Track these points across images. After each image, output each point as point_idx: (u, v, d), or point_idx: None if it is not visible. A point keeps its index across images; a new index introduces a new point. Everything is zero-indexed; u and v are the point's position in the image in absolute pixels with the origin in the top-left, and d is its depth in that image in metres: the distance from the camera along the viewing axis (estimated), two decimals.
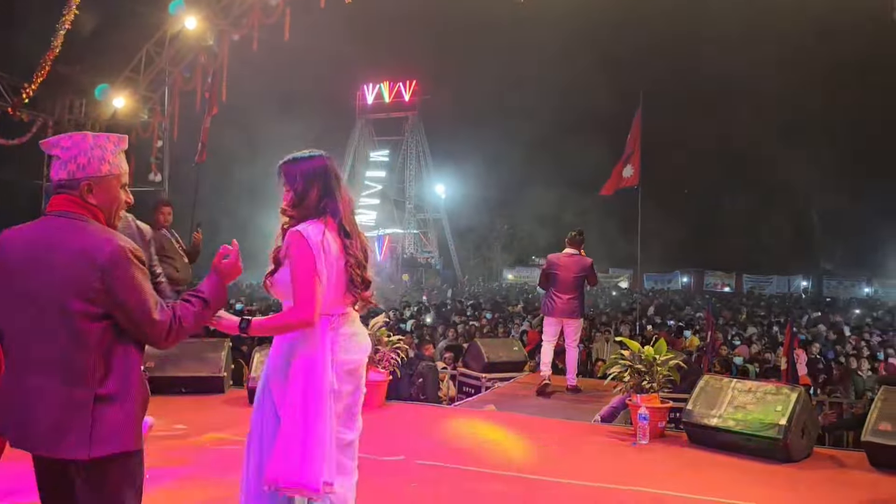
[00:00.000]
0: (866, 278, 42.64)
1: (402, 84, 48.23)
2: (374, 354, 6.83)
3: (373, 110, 49.42)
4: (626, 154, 14.99)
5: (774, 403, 5.15)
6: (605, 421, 6.72)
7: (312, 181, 2.73)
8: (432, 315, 17.03)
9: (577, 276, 7.78)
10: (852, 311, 24.47)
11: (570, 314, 7.79)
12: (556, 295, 7.80)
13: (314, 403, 2.57)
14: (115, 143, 2.36)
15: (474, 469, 4.75)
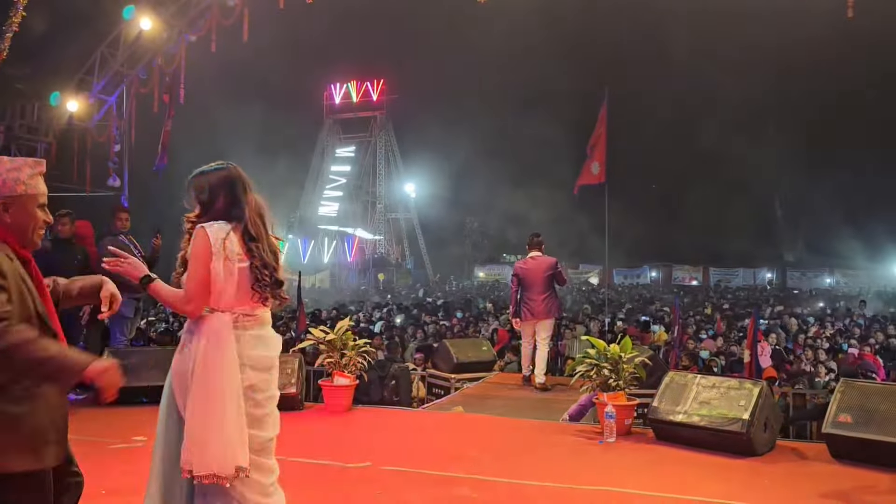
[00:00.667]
0: (828, 269, 43.53)
1: (369, 83, 48.04)
2: (340, 359, 6.78)
3: (340, 110, 49.14)
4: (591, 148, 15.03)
5: (738, 398, 5.19)
6: (574, 420, 6.72)
7: (218, 190, 2.88)
8: (402, 316, 16.94)
9: (545, 276, 8.07)
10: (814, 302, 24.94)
11: (545, 314, 8.06)
12: (529, 298, 8.09)
13: (219, 395, 2.72)
14: (32, 165, 2.48)
15: (441, 474, 4.71)
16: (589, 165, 15.14)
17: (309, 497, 4.20)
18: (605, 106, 15.39)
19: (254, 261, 2.86)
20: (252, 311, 2.88)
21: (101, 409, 6.70)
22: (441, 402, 7.82)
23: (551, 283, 8.12)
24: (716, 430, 5.15)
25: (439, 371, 8.96)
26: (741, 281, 45.01)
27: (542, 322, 8.09)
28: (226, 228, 2.82)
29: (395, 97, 47.90)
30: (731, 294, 31.39)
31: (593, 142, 15.21)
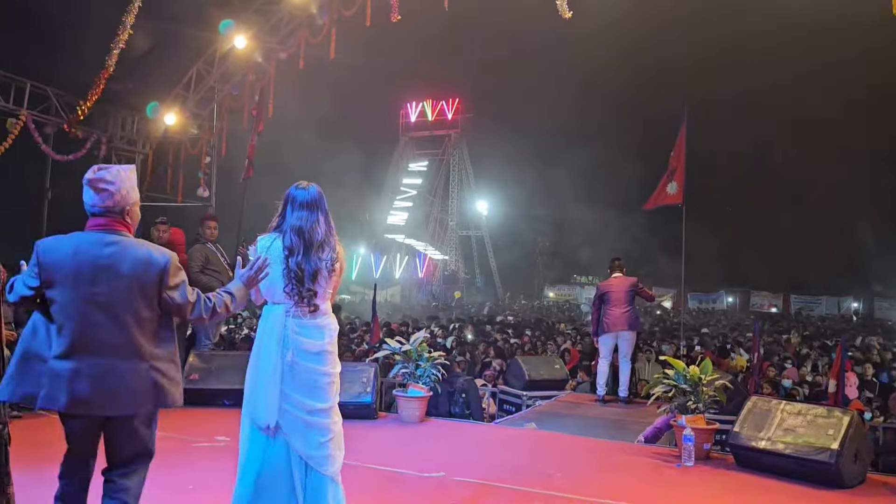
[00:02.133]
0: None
1: (444, 102, 48.58)
2: (415, 370, 6.86)
3: (416, 128, 49.84)
4: (670, 170, 14.80)
5: (826, 427, 5.00)
6: (649, 442, 6.59)
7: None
8: (472, 332, 16.96)
9: (627, 291, 8.48)
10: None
11: (624, 326, 8.37)
12: (610, 311, 8.46)
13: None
14: (134, 173, 3.14)
15: (515, 488, 4.70)
16: (665, 185, 14.88)
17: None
18: (684, 125, 15.12)
19: (287, 265, 3.38)
20: (294, 305, 3.40)
21: (186, 409, 6.97)
22: (513, 418, 7.81)
23: (632, 297, 8.49)
24: (801, 458, 4.96)
25: (511, 388, 8.94)
26: (824, 310, 43.02)
27: (623, 334, 8.34)
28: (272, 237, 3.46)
29: (469, 116, 48.28)
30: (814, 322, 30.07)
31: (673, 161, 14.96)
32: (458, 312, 28.10)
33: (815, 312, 40.63)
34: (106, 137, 11.12)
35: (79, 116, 10.06)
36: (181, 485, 4.46)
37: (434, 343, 12.09)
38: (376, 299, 10.39)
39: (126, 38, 9.20)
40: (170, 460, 5.05)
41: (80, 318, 2.85)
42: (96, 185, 2.97)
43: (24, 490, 3.43)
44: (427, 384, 6.86)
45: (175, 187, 12.00)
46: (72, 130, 10.35)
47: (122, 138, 11.34)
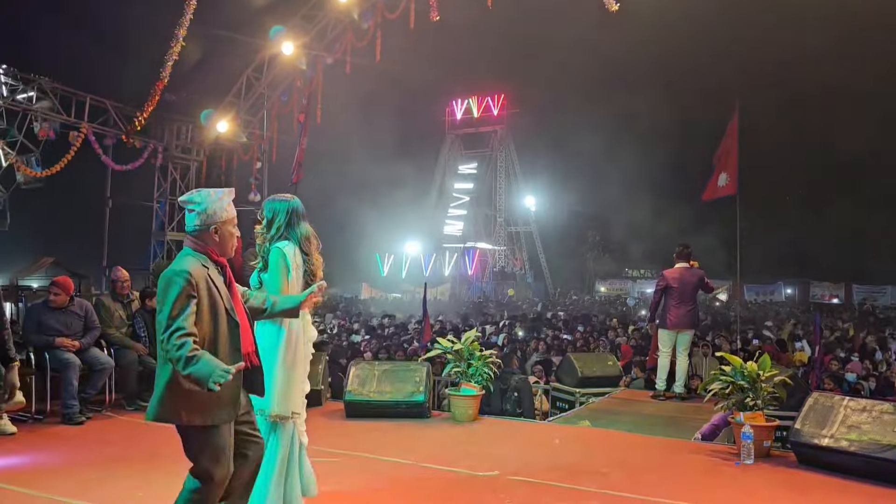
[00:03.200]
0: None
1: (490, 98, 48.48)
2: (467, 369, 6.89)
3: (462, 125, 49.87)
4: (722, 161, 14.51)
5: (893, 423, 4.84)
6: (706, 439, 6.48)
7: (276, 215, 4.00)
8: (524, 329, 16.92)
9: (694, 287, 8.25)
10: None
11: (686, 325, 8.23)
12: (673, 307, 8.23)
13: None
14: (228, 194, 3.29)
15: (570, 487, 4.69)
16: (716, 177, 14.59)
17: (439, 503, 4.31)
18: (736, 116, 14.79)
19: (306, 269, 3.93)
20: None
21: None
22: (567, 416, 7.77)
23: (696, 295, 8.30)
24: (868, 456, 4.81)
25: (563, 385, 8.89)
26: (889, 299, 41.44)
27: (684, 332, 8.21)
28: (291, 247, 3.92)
29: (515, 111, 48.09)
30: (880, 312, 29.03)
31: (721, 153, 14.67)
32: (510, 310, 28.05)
33: (878, 302, 39.18)
34: (162, 146, 11.46)
35: (136, 127, 10.38)
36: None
37: (486, 341, 12.12)
38: (427, 298, 10.45)
39: (179, 49, 9.45)
40: None
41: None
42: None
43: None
44: (479, 382, 6.88)
45: None
46: (129, 141, 10.70)
47: (177, 147, 11.68)
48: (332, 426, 6.36)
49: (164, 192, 11.90)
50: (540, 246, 48.96)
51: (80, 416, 6.34)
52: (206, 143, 11.89)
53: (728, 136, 14.63)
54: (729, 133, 14.74)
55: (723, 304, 31.67)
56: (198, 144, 11.87)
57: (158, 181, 11.84)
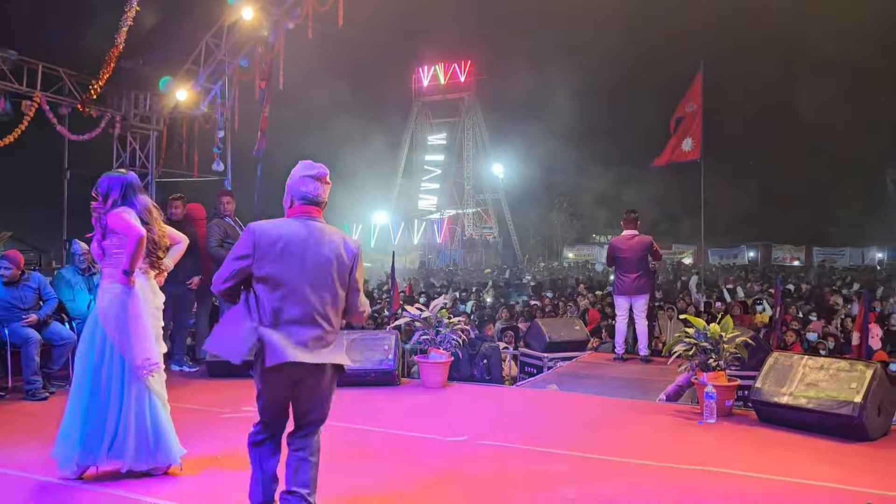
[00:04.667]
0: None
1: (457, 65, 48.11)
2: (436, 336, 6.92)
3: (429, 93, 49.46)
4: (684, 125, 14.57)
5: (848, 381, 4.98)
6: (671, 400, 6.62)
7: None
8: (492, 295, 17.03)
9: (641, 256, 8.25)
10: None
11: (637, 291, 8.27)
12: (623, 275, 8.33)
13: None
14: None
15: (538, 449, 4.75)
16: (679, 141, 14.67)
17: (409, 469, 4.34)
18: (699, 79, 14.83)
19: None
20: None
21: (212, 381, 7.12)
22: (535, 380, 7.86)
23: (645, 262, 8.28)
24: (824, 412, 4.96)
25: (532, 350, 8.98)
26: (848, 261, 42.53)
27: (637, 297, 8.27)
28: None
29: (482, 78, 47.79)
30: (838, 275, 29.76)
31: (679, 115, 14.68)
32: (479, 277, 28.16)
33: (837, 264, 40.17)
34: (120, 116, 11.16)
35: (92, 96, 10.07)
36: (209, 453, 4.57)
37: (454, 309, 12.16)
38: (395, 266, 10.42)
39: (133, 14, 9.16)
40: (201, 432, 5.17)
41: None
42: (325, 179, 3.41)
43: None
44: (448, 349, 6.92)
45: (190, 163, 12.05)
46: (85, 110, 10.39)
47: (135, 116, 11.37)
48: None
49: (123, 163, 11.62)
50: (508, 213, 49.08)
51: (42, 391, 6.25)
52: (165, 112, 11.60)
53: (690, 99, 14.68)
54: (691, 96, 14.79)
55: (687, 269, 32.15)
56: (157, 113, 11.58)
57: (118, 151, 11.55)
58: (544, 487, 4.03)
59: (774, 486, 4.04)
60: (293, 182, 3.36)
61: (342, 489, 3.84)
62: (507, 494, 3.93)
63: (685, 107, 14.73)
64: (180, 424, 5.39)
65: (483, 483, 4.11)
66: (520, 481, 4.15)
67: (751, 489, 4.01)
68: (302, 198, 3.33)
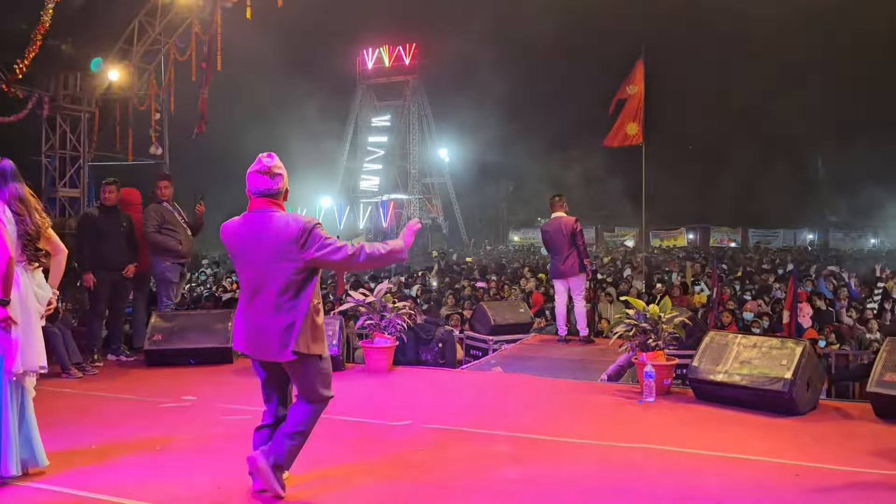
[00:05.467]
0: (872, 230, 42.48)
1: (401, 48, 47.63)
2: (381, 321, 6.89)
3: (373, 75, 48.89)
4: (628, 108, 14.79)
5: (780, 358, 5.17)
6: (612, 380, 6.76)
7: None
8: (437, 279, 17.06)
9: (566, 237, 8.33)
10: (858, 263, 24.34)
11: (570, 273, 8.36)
12: (553, 258, 8.51)
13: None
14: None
15: (482, 431, 4.79)
16: (623, 125, 14.91)
17: (351, 454, 4.32)
18: (641, 64, 15.07)
19: (19, 228, 3.82)
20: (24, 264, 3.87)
21: (150, 370, 6.95)
22: (479, 363, 7.92)
23: (573, 242, 8.34)
24: (757, 389, 5.14)
25: (477, 333, 9.04)
26: (781, 242, 44.13)
27: (573, 279, 8.37)
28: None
29: (427, 61, 47.47)
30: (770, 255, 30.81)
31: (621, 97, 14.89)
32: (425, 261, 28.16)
33: (772, 245, 41.61)
34: (49, 96, 10.68)
35: (17, 75, 9.62)
36: (149, 446, 4.46)
37: (400, 293, 12.13)
38: None
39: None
40: (137, 422, 5.05)
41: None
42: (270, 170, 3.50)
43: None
44: (392, 334, 6.91)
45: (125, 146, 11.61)
46: (10, 90, 9.92)
47: (65, 97, 10.89)
48: (246, 384, 6.25)
49: (53, 146, 11.14)
50: (454, 197, 49.12)
51: None
52: (97, 94, 11.14)
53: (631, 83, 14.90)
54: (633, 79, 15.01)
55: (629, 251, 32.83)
56: (88, 94, 11.09)
57: (47, 134, 11.06)
58: (487, 469, 4.06)
59: (709, 461, 4.17)
60: (246, 178, 3.54)
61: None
62: (450, 477, 3.94)
63: (626, 89, 14.96)
64: (117, 415, 5.28)
65: (426, 466, 4.13)
66: (463, 463, 4.18)
67: (687, 464, 4.13)
68: (254, 192, 3.51)
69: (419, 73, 47.85)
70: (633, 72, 15.10)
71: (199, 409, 5.52)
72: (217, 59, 10.90)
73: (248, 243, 3.46)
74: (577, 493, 3.68)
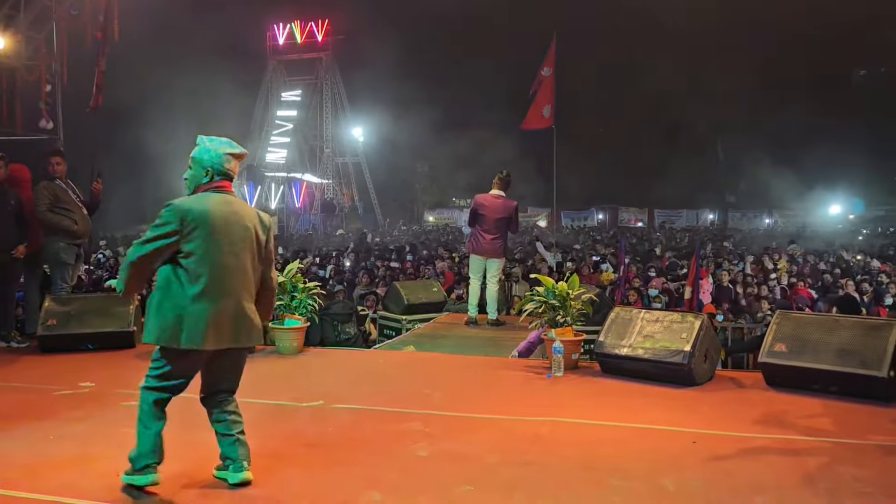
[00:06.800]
0: (767, 210, 44.99)
1: (314, 24, 46.52)
2: (290, 301, 6.76)
3: (284, 51, 47.59)
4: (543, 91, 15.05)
5: (680, 331, 5.38)
6: (523, 356, 6.87)
7: None
8: (352, 259, 16.91)
9: (501, 218, 8.08)
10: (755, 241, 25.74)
11: (493, 253, 8.13)
12: (481, 234, 8.12)
13: None
14: None
15: (393, 410, 4.78)
16: (539, 108, 15.16)
17: (261, 437, 4.22)
18: (553, 47, 15.34)
19: None
20: None
21: (44, 356, 6.58)
22: (392, 342, 7.91)
23: (505, 225, 8.15)
24: (658, 361, 5.34)
25: (390, 313, 9.02)
26: (685, 222, 46.19)
27: (493, 259, 8.17)
28: None
29: (340, 38, 46.62)
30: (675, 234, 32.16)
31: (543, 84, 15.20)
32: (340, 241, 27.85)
33: (676, 225, 43.45)
34: None
35: None
36: (42, 436, 4.22)
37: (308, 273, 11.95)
38: None
39: None
40: (30, 412, 4.77)
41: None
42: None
43: None
44: (303, 314, 6.79)
45: (13, 119, 10.86)
46: None
47: None
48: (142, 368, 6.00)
49: None
50: (369, 177, 48.69)
51: None
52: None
53: (546, 65, 15.17)
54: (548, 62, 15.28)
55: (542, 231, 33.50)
56: None
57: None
58: (398, 446, 4.06)
59: (613, 431, 4.32)
60: (214, 157, 3.51)
61: (187, 462, 3.68)
62: (361, 456, 3.92)
63: (542, 72, 15.22)
64: (6, 404, 4.96)
65: (338, 447, 4.08)
66: (374, 442, 4.16)
67: (592, 435, 4.26)
68: (223, 174, 3.53)
69: (332, 50, 46.96)
70: (547, 56, 15.35)
71: (97, 395, 5.27)
72: (114, 28, 10.32)
73: (227, 223, 3.48)
74: (486, 466, 3.72)
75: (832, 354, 4.92)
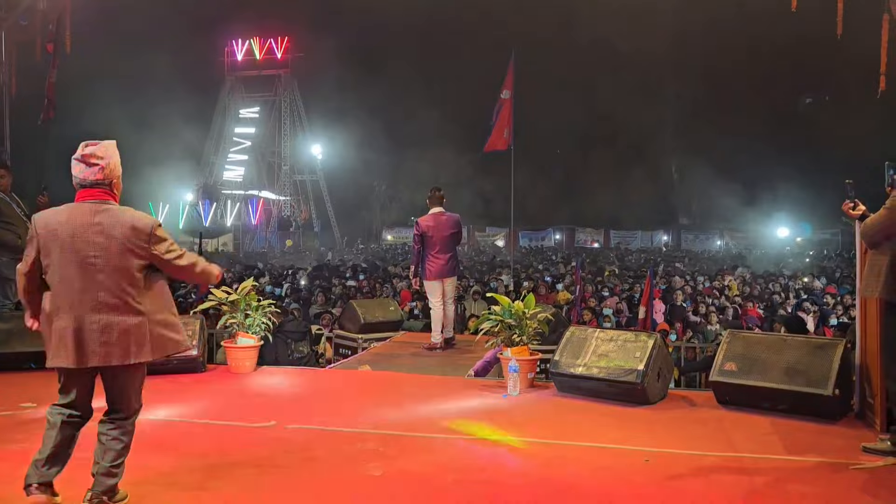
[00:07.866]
0: (718, 231, 46.12)
1: (273, 41, 46.36)
2: (244, 320, 6.65)
3: (243, 67, 47.28)
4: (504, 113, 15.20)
5: (634, 350, 5.44)
6: (479, 375, 6.86)
7: None
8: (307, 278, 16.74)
9: (451, 234, 7.98)
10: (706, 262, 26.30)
11: (450, 273, 7.99)
12: (434, 257, 7.88)
13: None
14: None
15: (349, 430, 4.71)
16: (500, 129, 15.30)
17: (212, 458, 4.12)
18: (511, 68, 15.52)
19: None
20: None
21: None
22: (347, 361, 7.82)
23: (455, 242, 8.08)
24: (613, 380, 5.38)
25: (346, 332, 8.93)
26: (639, 243, 47.00)
27: (449, 280, 8.03)
28: None
29: (299, 55, 46.50)
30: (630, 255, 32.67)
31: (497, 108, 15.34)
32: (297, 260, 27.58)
33: (631, 245, 44.19)
34: None
35: None
36: None
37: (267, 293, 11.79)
38: (202, 249, 9.89)
39: None
40: None
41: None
42: (88, 159, 3.26)
43: None
44: (257, 333, 6.68)
45: None
46: None
47: None
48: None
49: None
50: (327, 195, 48.43)
51: None
52: None
53: (505, 87, 15.33)
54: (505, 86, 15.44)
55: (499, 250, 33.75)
56: None
57: None
58: (352, 467, 4.00)
59: (567, 450, 4.32)
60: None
61: (129, 484, 3.56)
62: (314, 477, 3.85)
63: (501, 95, 15.38)
64: None
65: (290, 468, 4.00)
66: (328, 463, 4.09)
67: (546, 454, 4.26)
68: (77, 183, 3.31)
69: (292, 67, 46.80)
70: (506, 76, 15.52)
71: (39, 417, 5.07)
72: (66, 40, 10.10)
73: (69, 235, 3.27)
74: (439, 487, 3.69)
75: (780, 373, 5.03)
